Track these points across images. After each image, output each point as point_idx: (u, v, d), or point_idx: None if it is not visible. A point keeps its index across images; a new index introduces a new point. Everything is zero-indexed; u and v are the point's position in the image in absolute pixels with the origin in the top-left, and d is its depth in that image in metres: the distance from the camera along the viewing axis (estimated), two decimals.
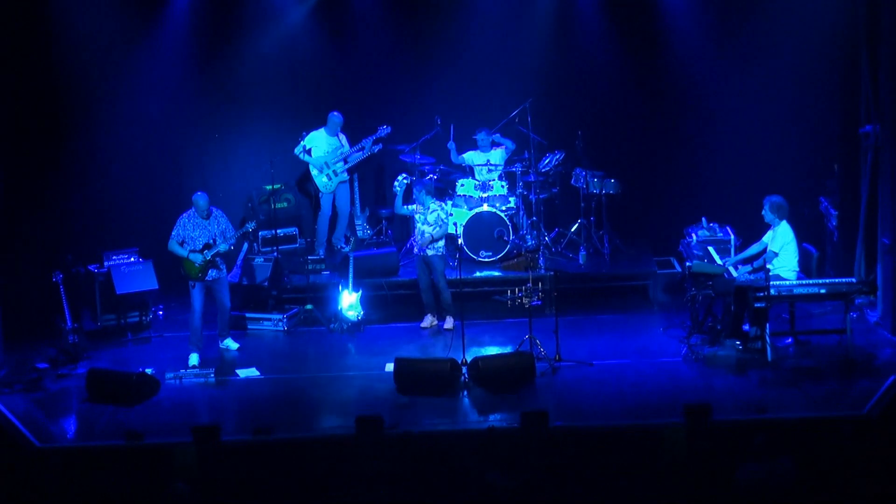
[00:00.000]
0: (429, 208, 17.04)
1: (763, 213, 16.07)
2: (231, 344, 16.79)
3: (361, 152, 18.92)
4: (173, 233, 16.16)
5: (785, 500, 11.29)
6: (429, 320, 17.33)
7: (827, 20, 18.17)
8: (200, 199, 16.17)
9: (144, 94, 19.03)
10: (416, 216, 17.13)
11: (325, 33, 19.96)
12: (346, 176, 19.10)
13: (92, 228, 18.48)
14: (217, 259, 16.21)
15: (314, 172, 18.98)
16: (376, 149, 18.95)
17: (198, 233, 16.13)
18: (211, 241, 16.10)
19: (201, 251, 16.06)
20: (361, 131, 19.05)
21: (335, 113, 19.00)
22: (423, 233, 17.03)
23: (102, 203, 18.71)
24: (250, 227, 16.51)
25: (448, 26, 19.89)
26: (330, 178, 18.95)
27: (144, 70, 19.03)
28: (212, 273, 16.19)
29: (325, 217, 19.23)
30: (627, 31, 19.86)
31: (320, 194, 19.09)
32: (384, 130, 18.88)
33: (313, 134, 18.95)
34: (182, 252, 16.11)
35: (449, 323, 17.08)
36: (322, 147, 18.91)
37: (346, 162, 18.97)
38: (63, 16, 18.10)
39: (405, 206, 17.45)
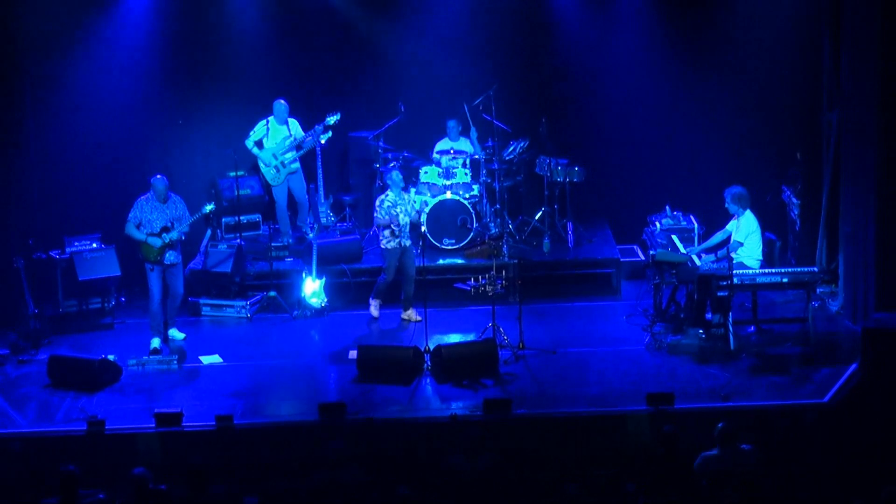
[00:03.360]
0: (412, 200, 17.02)
1: (726, 205, 16.12)
2: (177, 334, 16.66)
3: (312, 139, 18.70)
4: (130, 215, 16.06)
5: (746, 487, 11.33)
6: (377, 307, 17.27)
7: (789, 6, 18.23)
8: (159, 182, 16.07)
9: (107, 79, 18.85)
10: (397, 209, 16.95)
11: (289, 18, 19.81)
12: (296, 165, 18.83)
13: (54, 214, 18.32)
14: (175, 243, 16.13)
15: (261, 166, 18.82)
16: (325, 136, 18.71)
17: (155, 216, 16.03)
18: (168, 224, 16.02)
19: (159, 234, 15.98)
20: (323, 118, 18.91)
21: (280, 101, 18.73)
22: (406, 224, 16.89)
23: (64, 188, 18.53)
24: (207, 209, 16.38)
25: (412, 12, 19.81)
26: (278, 170, 18.77)
27: (107, 55, 18.84)
28: (169, 256, 16.10)
29: (282, 209, 19.07)
30: (590, 16, 19.83)
31: (273, 188, 18.98)
32: (332, 117, 18.66)
33: (261, 124, 18.78)
34: (139, 235, 16.02)
35: (415, 315, 16.99)
36: (272, 138, 18.75)
37: (298, 149, 18.77)
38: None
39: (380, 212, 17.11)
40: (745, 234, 15.89)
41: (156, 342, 16.20)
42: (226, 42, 19.69)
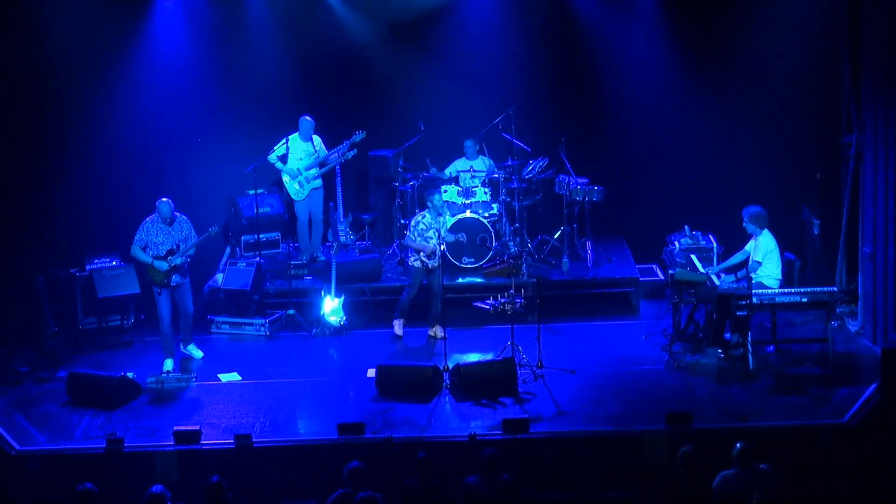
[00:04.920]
0: (445, 222, 17.13)
1: (744, 225, 16.13)
2: (195, 351, 16.68)
3: (337, 155, 18.76)
4: (136, 237, 16.08)
5: None
6: (401, 327, 17.27)
7: (810, 29, 18.22)
8: (164, 206, 16.04)
9: (127, 98, 18.92)
10: (430, 232, 16.95)
11: (309, 38, 19.87)
12: (318, 182, 18.92)
13: (73, 232, 18.37)
14: (184, 264, 16.14)
15: (286, 180, 18.86)
16: (350, 154, 18.77)
17: (161, 238, 16.03)
18: (174, 246, 16.02)
19: (165, 257, 15.99)
20: (343, 136, 18.93)
21: (306, 117, 18.82)
22: (437, 246, 16.93)
23: (84, 206, 18.59)
24: (213, 231, 16.35)
25: (432, 32, 19.86)
26: (301, 186, 18.82)
27: (128, 74, 18.93)
28: (175, 279, 16.10)
29: (303, 225, 19.11)
30: (610, 37, 19.84)
31: (295, 203, 19.01)
32: (358, 136, 18.73)
33: (283, 141, 18.83)
34: (145, 258, 16.04)
35: (441, 331, 16.99)
36: (296, 153, 18.80)
37: (321, 166, 18.82)
38: (47, 18, 18.00)
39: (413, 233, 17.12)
40: (764, 253, 15.88)
41: (168, 364, 16.20)
42: (247, 61, 19.75)
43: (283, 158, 18.77)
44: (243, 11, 19.68)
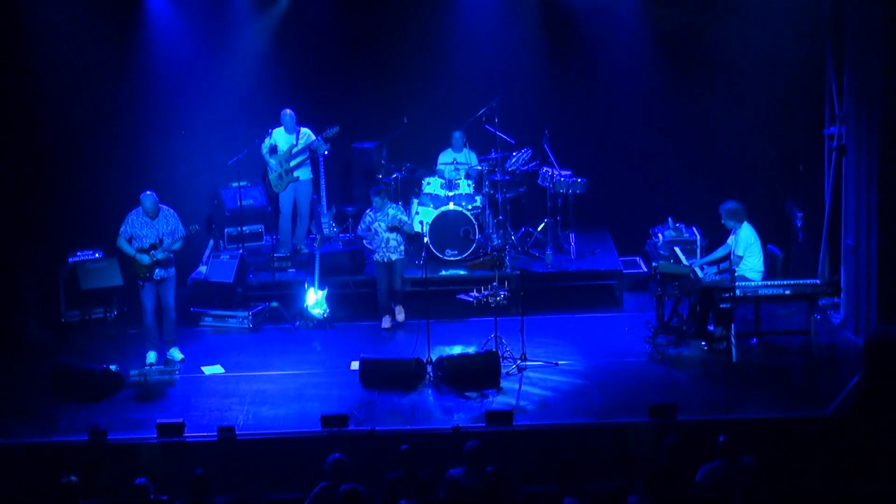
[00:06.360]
0: (387, 214, 17.03)
1: (723, 221, 16.17)
2: (176, 354, 16.48)
3: (306, 151, 18.76)
4: (121, 229, 16.05)
5: (749, 500, 11.32)
6: (388, 321, 17.31)
7: (793, 22, 18.21)
8: (147, 199, 15.99)
9: (110, 91, 18.89)
10: (377, 223, 17.09)
11: (293, 28, 19.88)
12: (299, 174, 18.89)
13: (56, 224, 18.32)
14: (168, 258, 16.10)
15: (269, 171, 18.90)
16: (324, 148, 18.74)
17: (145, 231, 15.99)
18: (157, 240, 15.96)
19: (147, 251, 15.95)
20: (328, 127, 18.89)
21: (286, 110, 18.82)
22: (386, 239, 16.97)
23: (67, 199, 18.53)
24: (191, 230, 16.21)
25: (417, 24, 19.84)
26: (281, 178, 18.82)
27: (112, 67, 18.88)
28: (159, 272, 16.04)
29: (285, 217, 19.10)
30: (594, 29, 19.84)
31: (278, 195, 19.01)
32: (331, 131, 18.69)
33: (276, 131, 18.84)
34: (129, 250, 16.00)
35: (401, 314, 17.05)
36: (281, 145, 18.81)
37: (313, 152, 18.80)
38: (34, 13, 17.91)
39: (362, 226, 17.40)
40: (745, 247, 15.90)
41: (151, 356, 16.17)
42: (230, 52, 19.76)
43: (274, 149, 18.77)
44: (226, 4, 19.65)
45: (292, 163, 18.75)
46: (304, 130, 18.84)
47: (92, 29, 18.56)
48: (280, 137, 18.78)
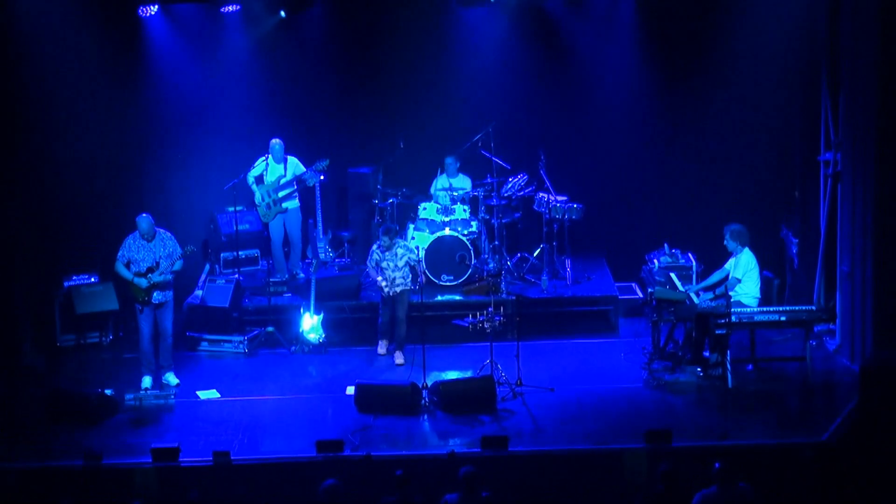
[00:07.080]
0: (396, 254, 16.98)
1: (725, 242, 16.19)
2: (172, 379, 16.39)
3: (294, 183, 18.78)
4: (119, 254, 16.02)
5: None
6: (384, 346, 17.24)
7: (789, 48, 18.29)
8: (143, 221, 15.97)
9: (106, 114, 18.89)
10: (385, 262, 16.92)
11: (288, 54, 19.95)
12: (287, 205, 18.88)
13: (52, 248, 18.31)
14: (166, 282, 16.08)
15: (257, 200, 18.90)
16: (314, 179, 18.74)
17: (142, 255, 15.97)
18: (154, 263, 15.95)
19: (145, 274, 15.94)
20: (323, 153, 18.91)
21: (274, 140, 18.81)
22: (394, 279, 16.90)
23: (62, 223, 18.52)
24: (187, 250, 16.15)
25: (413, 49, 19.88)
26: (269, 208, 18.84)
27: (107, 91, 18.88)
28: (157, 296, 16.02)
29: (276, 245, 19.11)
30: (589, 54, 19.92)
31: (267, 224, 19.02)
32: (321, 163, 18.65)
33: (260, 161, 18.83)
34: (127, 274, 15.97)
35: (400, 357, 16.96)
36: (269, 175, 18.82)
37: (300, 183, 18.81)
38: (29, 34, 17.88)
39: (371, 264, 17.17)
40: (744, 271, 15.93)
41: (147, 381, 16.13)
42: (226, 78, 19.80)
43: (260, 179, 18.77)
44: (222, 30, 19.71)
45: (280, 194, 18.78)
46: (292, 160, 18.86)
47: (90, 56, 18.59)
48: (268, 168, 18.77)
